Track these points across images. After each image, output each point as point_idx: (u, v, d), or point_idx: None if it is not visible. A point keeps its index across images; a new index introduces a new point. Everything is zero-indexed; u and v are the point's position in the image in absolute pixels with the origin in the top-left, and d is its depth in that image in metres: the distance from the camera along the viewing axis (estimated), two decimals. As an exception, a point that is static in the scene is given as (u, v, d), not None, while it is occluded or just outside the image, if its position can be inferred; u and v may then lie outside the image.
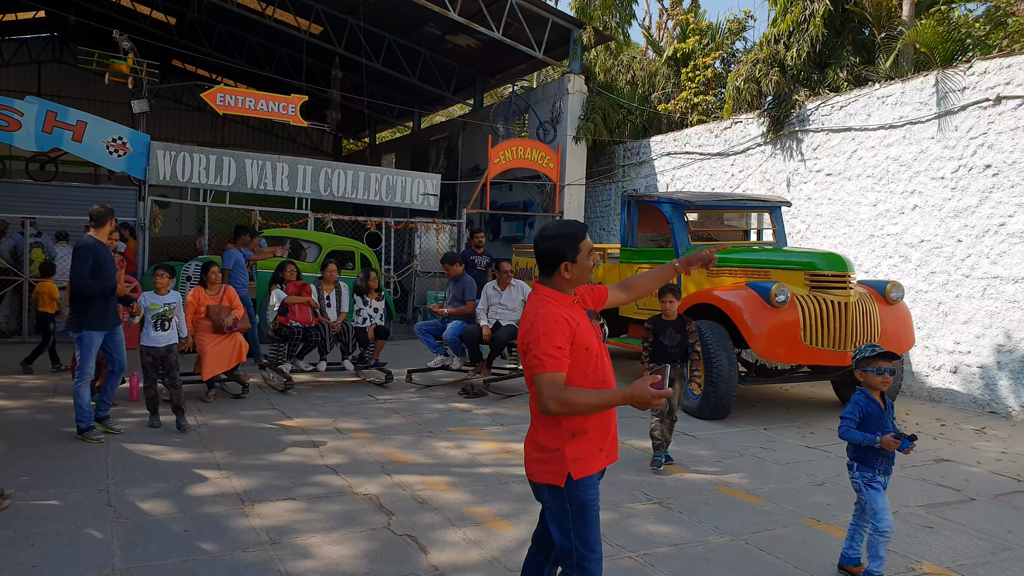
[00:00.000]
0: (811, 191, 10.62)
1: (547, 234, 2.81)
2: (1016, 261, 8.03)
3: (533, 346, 2.60)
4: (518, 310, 8.98)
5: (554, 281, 2.79)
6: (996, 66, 8.30)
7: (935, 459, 6.39)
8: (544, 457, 2.71)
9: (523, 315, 2.76)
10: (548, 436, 2.71)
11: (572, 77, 14.88)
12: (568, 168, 14.77)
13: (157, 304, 6.63)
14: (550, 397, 2.56)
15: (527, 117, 16.53)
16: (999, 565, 4.22)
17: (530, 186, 15.90)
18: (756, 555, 4.28)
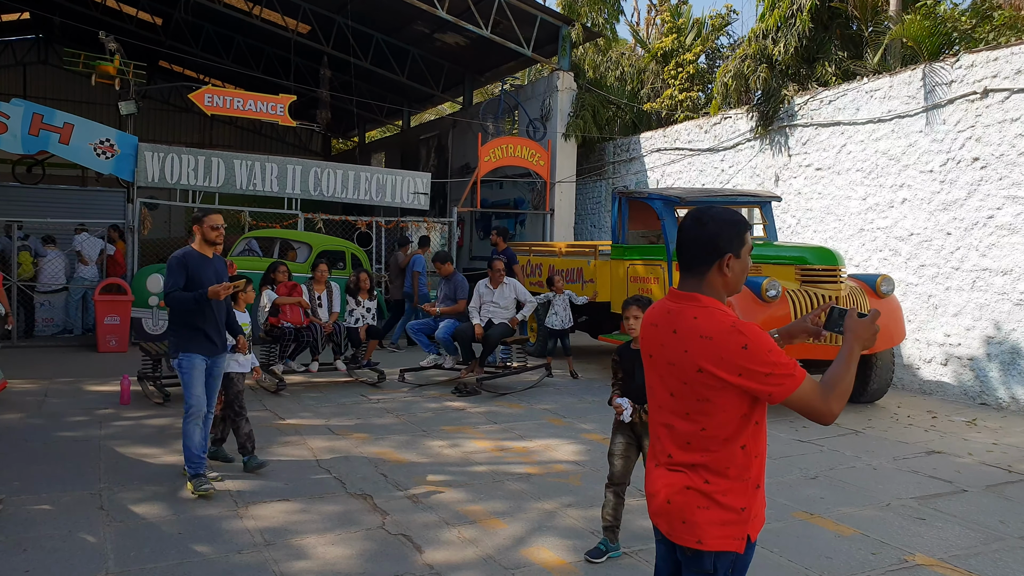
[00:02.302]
0: (801, 186, 10.65)
1: (703, 219, 2.19)
2: (1005, 253, 8.07)
3: (771, 366, 2.02)
4: (511, 308, 8.99)
5: (707, 285, 2.18)
6: (983, 59, 8.34)
7: (927, 451, 6.42)
8: (727, 518, 2.11)
9: (706, 342, 2.08)
10: (731, 489, 2.12)
11: (561, 74, 14.88)
12: (558, 165, 14.77)
13: (245, 324, 5.85)
14: (827, 402, 2.05)
15: (517, 115, 16.52)
16: (991, 556, 4.25)
17: (520, 184, 15.90)
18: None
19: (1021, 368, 7.91)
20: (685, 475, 2.15)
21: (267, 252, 12.73)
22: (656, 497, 2.23)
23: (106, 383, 8.55)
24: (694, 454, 2.14)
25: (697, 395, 2.11)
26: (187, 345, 5.10)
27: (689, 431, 2.15)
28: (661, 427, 2.25)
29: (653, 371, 2.27)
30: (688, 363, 2.11)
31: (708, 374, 2.07)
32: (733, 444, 2.12)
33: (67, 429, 6.62)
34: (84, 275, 11.99)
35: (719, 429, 2.12)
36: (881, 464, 6.03)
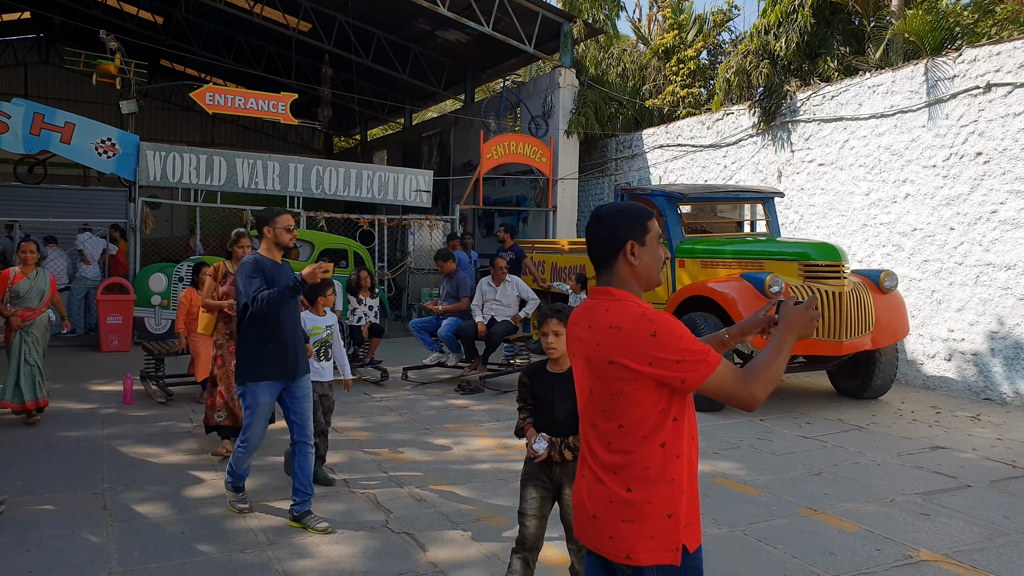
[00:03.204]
0: (804, 181, 10.63)
1: (600, 214, 2.19)
2: (1008, 248, 8.05)
3: (682, 353, 1.96)
4: (513, 306, 8.98)
5: (617, 278, 2.14)
6: (985, 53, 8.31)
7: (931, 446, 6.41)
8: (654, 529, 2.02)
9: (615, 332, 2.03)
10: (655, 496, 2.02)
11: (563, 71, 14.85)
12: (561, 162, 14.75)
13: (319, 328, 5.32)
14: (747, 388, 2.00)
15: (519, 112, 16.49)
16: (995, 551, 4.24)
17: (523, 181, 15.88)
18: (755, 546, 4.29)
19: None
20: (607, 487, 2.05)
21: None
22: (582, 510, 2.14)
23: (109, 383, 8.56)
24: (615, 455, 2.06)
25: (611, 389, 2.05)
26: (255, 371, 4.37)
27: (608, 429, 2.07)
28: (589, 427, 2.16)
29: (576, 369, 2.21)
30: (601, 356, 2.05)
31: (619, 365, 2.01)
32: (652, 442, 2.03)
33: (70, 429, 6.63)
34: (86, 275, 12.00)
35: (636, 426, 2.03)
36: (885, 460, 6.01)
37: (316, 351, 5.26)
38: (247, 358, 4.41)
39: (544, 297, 10.91)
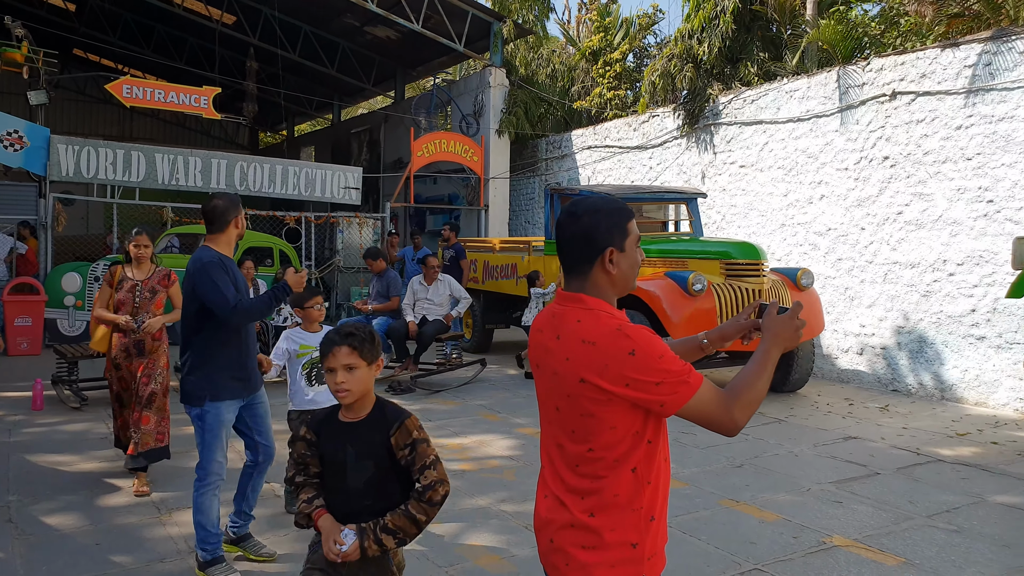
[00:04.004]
0: (725, 182, 10.95)
1: (578, 212, 1.93)
2: (912, 247, 8.48)
3: (662, 374, 1.77)
4: (445, 305, 8.98)
5: (592, 285, 1.93)
6: (891, 63, 8.73)
7: (844, 437, 6.71)
8: (616, 558, 1.84)
9: (588, 348, 1.83)
10: (620, 523, 1.85)
11: (493, 70, 14.90)
12: (492, 161, 14.80)
13: (308, 347, 4.56)
14: (729, 412, 1.82)
15: (449, 110, 16.47)
16: (901, 534, 4.47)
17: (455, 179, 15.87)
18: (680, 538, 4.41)
19: (927, 356, 8.34)
20: (570, 511, 1.87)
21: (190, 249, 12.36)
22: (541, 534, 1.96)
23: (16, 388, 8.16)
24: (583, 480, 1.87)
25: (581, 410, 1.85)
26: (219, 388, 3.82)
27: (576, 452, 1.87)
28: (553, 447, 1.95)
29: (541, 383, 2.00)
30: (571, 372, 1.85)
31: (591, 385, 1.81)
32: (623, 467, 1.85)
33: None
34: (-8, 275, 11.42)
35: (607, 450, 1.84)
36: (802, 451, 6.26)
37: (307, 374, 4.53)
38: (208, 373, 3.80)
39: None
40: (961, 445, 6.41)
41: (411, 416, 2.42)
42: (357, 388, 2.39)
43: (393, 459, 2.36)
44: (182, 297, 3.97)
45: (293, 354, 4.54)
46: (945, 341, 8.18)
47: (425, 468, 2.35)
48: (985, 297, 7.80)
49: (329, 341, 2.42)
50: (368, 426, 2.41)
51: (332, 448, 2.44)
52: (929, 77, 8.34)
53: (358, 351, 2.39)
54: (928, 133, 8.34)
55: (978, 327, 7.87)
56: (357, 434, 2.41)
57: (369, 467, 2.37)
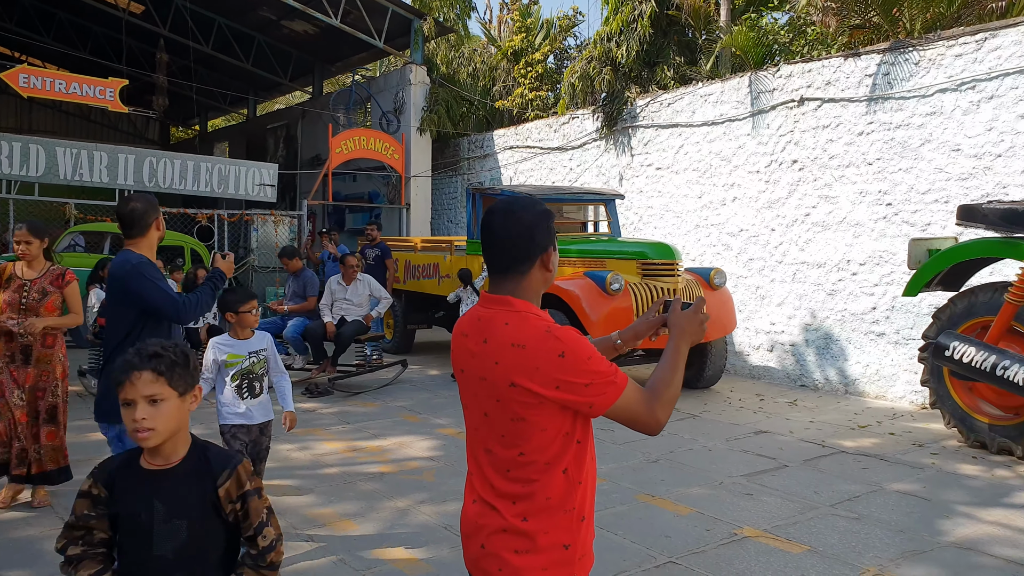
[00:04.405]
0: (643, 184, 11.18)
1: (517, 211, 1.90)
2: (819, 248, 8.86)
3: (591, 375, 1.78)
4: (365, 305, 8.86)
5: (525, 287, 1.91)
6: (799, 70, 9.10)
7: (755, 431, 6.95)
8: (548, 560, 1.83)
9: (518, 351, 1.81)
10: (552, 526, 1.84)
11: (414, 67, 14.80)
12: (413, 159, 14.70)
13: (237, 356, 4.15)
14: (652, 410, 1.84)
15: (369, 106, 16.27)
16: (806, 524, 4.67)
17: (375, 177, 15.69)
18: (598, 533, 4.43)
19: (833, 352, 8.73)
20: (502, 516, 1.85)
21: (96, 248, 11.83)
22: (471, 540, 1.92)
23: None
24: (515, 484, 1.85)
25: (511, 414, 1.82)
26: None
27: (507, 457, 1.85)
28: (481, 453, 1.92)
29: (466, 388, 1.95)
30: (500, 377, 1.82)
31: (522, 389, 1.79)
32: (554, 469, 1.84)
33: None
34: None
35: (538, 453, 1.83)
36: (715, 445, 6.46)
37: (237, 386, 4.12)
38: None
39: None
40: (862, 437, 6.74)
41: (243, 460, 1.98)
42: (164, 426, 1.85)
43: (218, 516, 1.91)
44: (107, 304, 3.66)
45: (221, 365, 4.13)
46: (849, 338, 8.58)
47: (263, 525, 1.93)
48: (885, 295, 8.22)
49: (127, 365, 1.85)
50: (183, 475, 1.90)
51: (132, 505, 1.86)
52: (834, 84, 8.73)
53: (165, 378, 1.85)
54: (833, 138, 8.72)
55: (878, 324, 8.29)
56: (167, 486, 1.88)
57: (182, 529, 1.85)
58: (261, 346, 4.24)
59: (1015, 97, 7.24)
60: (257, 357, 4.19)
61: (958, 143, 7.64)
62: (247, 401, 4.13)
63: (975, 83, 7.53)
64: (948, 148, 7.71)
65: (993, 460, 5.91)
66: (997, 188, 7.34)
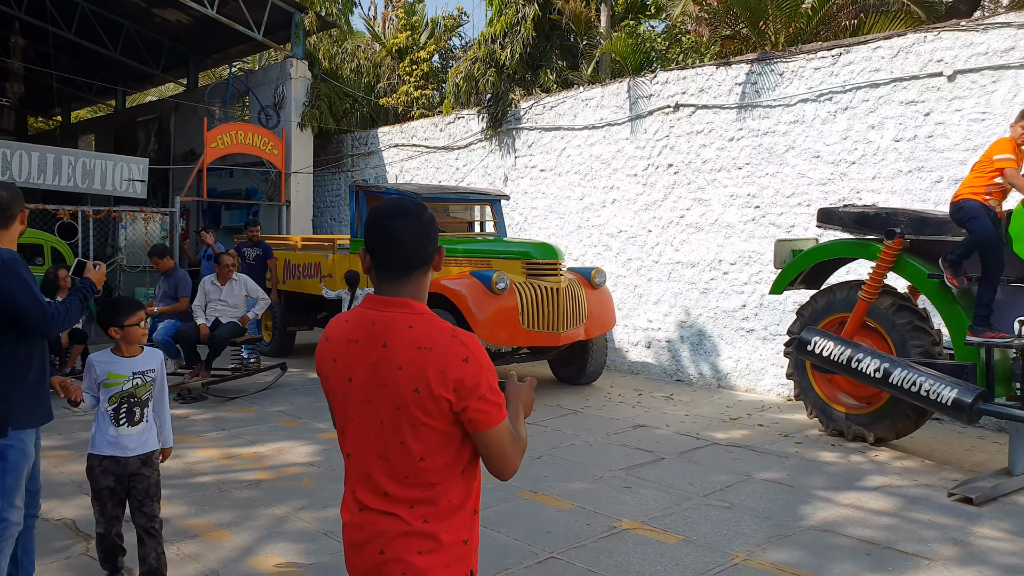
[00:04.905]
0: (527, 186, 11.33)
1: (415, 211, 1.91)
2: (693, 248, 9.25)
3: (486, 389, 1.80)
4: (240, 306, 8.54)
5: (419, 288, 1.92)
6: (675, 77, 9.47)
7: (633, 425, 7.17)
8: (450, 557, 1.85)
9: (425, 354, 1.79)
10: (452, 524, 1.86)
11: (295, 62, 14.40)
12: (294, 155, 14.30)
13: (118, 376, 3.65)
14: (516, 452, 1.87)
15: (247, 100, 15.69)
16: (681, 514, 4.86)
17: (253, 173, 15.14)
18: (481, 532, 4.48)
19: (706, 348, 9.14)
20: (399, 519, 1.83)
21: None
22: (364, 548, 1.87)
23: None
24: (414, 490, 1.83)
25: (413, 419, 1.81)
26: (21, 415, 3.18)
27: (406, 463, 1.83)
28: (374, 461, 1.87)
29: (356, 397, 1.88)
30: (403, 383, 1.80)
31: (426, 393, 1.78)
32: (454, 471, 1.85)
33: None
34: None
35: (439, 456, 1.83)
36: (596, 440, 6.62)
37: (115, 410, 3.61)
38: (18, 395, 3.17)
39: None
40: (734, 428, 7.08)
41: None
42: None
43: None
44: None
45: (100, 385, 3.62)
46: (721, 334, 9.00)
47: None
48: (753, 294, 8.68)
49: None
50: None
51: None
52: (707, 92, 9.13)
53: None
54: (706, 143, 9.13)
55: (748, 321, 8.74)
56: None
57: None
58: (149, 366, 3.71)
59: (866, 109, 7.80)
60: (143, 379, 3.67)
61: (818, 150, 8.16)
62: (123, 428, 3.61)
63: (832, 94, 8.06)
64: (809, 155, 8.23)
65: (849, 447, 6.34)
66: (852, 193, 7.89)
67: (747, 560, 4.15)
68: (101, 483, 3.62)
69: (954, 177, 7.05)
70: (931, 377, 5.56)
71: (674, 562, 4.12)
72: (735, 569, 4.04)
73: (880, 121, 7.71)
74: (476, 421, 1.80)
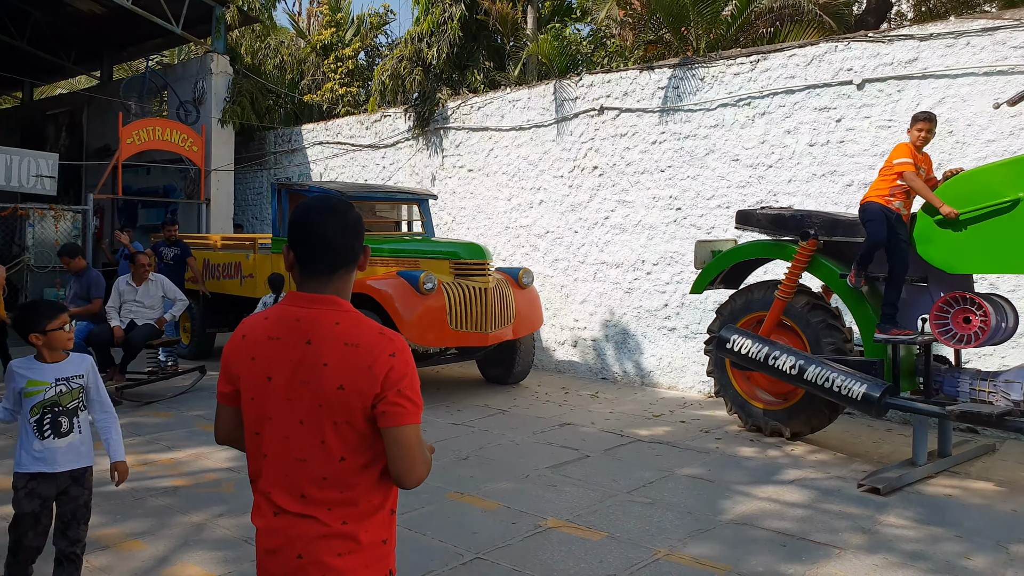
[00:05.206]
0: (455, 185, 11.30)
1: (342, 208, 1.90)
2: (617, 249, 9.41)
3: (407, 388, 1.79)
4: (157, 308, 8.27)
5: (344, 286, 1.90)
6: (600, 80, 9.60)
7: (560, 424, 7.24)
8: (369, 558, 1.84)
9: (352, 351, 1.78)
10: (371, 525, 1.84)
11: (216, 57, 13.99)
12: (214, 152, 13.89)
13: (40, 383, 3.38)
14: (424, 460, 1.84)
15: (165, 95, 15.18)
16: (605, 511, 4.93)
17: (171, 170, 14.64)
18: (405, 535, 4.46)
19: (630, 346, 9.31)
20: (317, 522, 1.80)
21: None
22: (280, 554, 1.82)
23: None
24: (332, 491, 1.81)
25: (335, 418, 1.78)
26: None
27: (326, 464, 1.80)
28: (291, 463, 1.83)
29: (276, 397, 1.84)
30: (328, 380, 1.77)
31: (351, 391, 1.76)
32: (373, 471, 1.84)
33: None
34: None
35: (359, 456, 1.81)
36: (523, 439, 6.66)
37: (37, 421, 3.33)
38: None
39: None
40: (656, 425, 7.23)
41: None
42: None
43: None
44: None
45: (21, 394, 3.35)
46: (644, 333, 9.17)
47: None
48: (675, 293, 8.88)
49: None
50: None
51: None
52: (631, 95, 9.29)
53: None
54: (630, 146, 9.29)
55: (670, 319, 8.94)
56: None
57: None
58: (76, 372, 3.44)
59: (782, 114, 8.08)
60: (68, 386, 3.39)
61: (737, 154, 8.41)
62: (48, 441, 3.31)
63: (750, 100, 8.32)
64: (729, 158, 8.47)
65: (767, 442, 6.55)
66: (769, 195, 8.16)
67: (668, 555, 4.24)
68: (25, 508, 3.31)
69: (864, 181, 7.37)
70: (842, 373, 5.80)
71: (598, 559, 4.18)
72: (657, 564, 4.12)
73: (795, 126, 8.00)
74: (390, 415, 1.76)
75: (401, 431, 1.78)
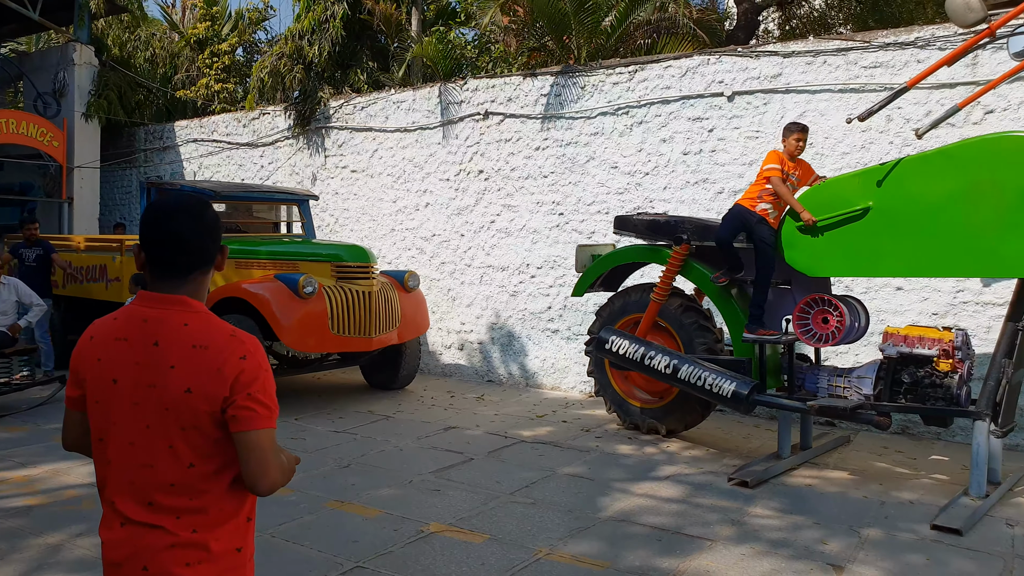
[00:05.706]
0: (338, 186, 11.08)
1: (199, 207, 1.83)
2: (503, 252, 9.49)
3: (260, 391, 1.74)
4: (11, 313, 7.70)
5: (199, 287, 1.84)
6: (484, 85, 9.67)
7: (445, 427, 7.22)
8: (219, 568, 1.77)
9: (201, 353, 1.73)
10: (224, 532, 1.78)
11: (79, 46, 13.13)
12: (78, 148, 13.03)
13: None
14: (279, 466, 1.78)
15: (21, 85, 14.12)
16: (488, 514, 4.95)
17: (28, 166, 13.61)
18: (282, 546, 4.33)
19: (515, 349, 9.41)
20: (164, 531, 1.74)
21: None
22: (127, 566, 1.75)
23: None
24: (181, 498, 1.75)
25: (183, 422, 1.73)
26: None
27: (174, 470, 1.74)
28: (136, 470, 1.76)
29: (120, 400, 1.77)
30: (175, 382, 1.72)
31: (199, 394, 1.71)
32: (225, 477, 1.79)
33: None
34: None
35: (209, 463, 1.76)
36: (407, 445, 6.60)
37: None
38: None
39: None
40: (539, 426, 7.33)
41: None
42: None
43: None
44: None
45: None
46: (528, 335, 9.29)
47: None
48: (558, 296, 9.04)
49: None
50: None
51: None
52: (515, 101, 9.40)
53: None
54: (514, 151, 9.39)
55: (553, 322, 9.10)
56: None
57: None
58: None
59: (658, 124, 8.39)
60: None
61: (616, 161, 8.66)
62: None
63: (628, 109, 8.59)
64: (608, 165, 8.71)
65: (644, 439, 6.78)
66: (645, 202, 8.45)
67: (549, 554, 4.30)
68: None
69: (733, 188, 7.76)
70: (713, 372, 6.08)
71: (480, 561, 4.19)
72: (538, 564, 4.18)
73: (671, 135, 8.32)
74: (239, 419, 1.71)
75: (252, 435, 1.72)
